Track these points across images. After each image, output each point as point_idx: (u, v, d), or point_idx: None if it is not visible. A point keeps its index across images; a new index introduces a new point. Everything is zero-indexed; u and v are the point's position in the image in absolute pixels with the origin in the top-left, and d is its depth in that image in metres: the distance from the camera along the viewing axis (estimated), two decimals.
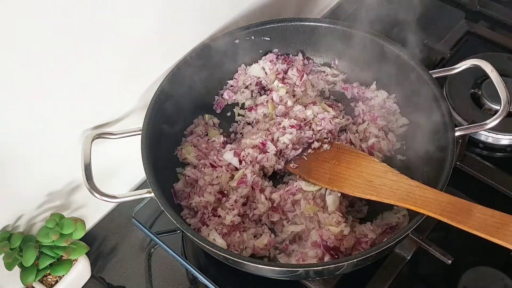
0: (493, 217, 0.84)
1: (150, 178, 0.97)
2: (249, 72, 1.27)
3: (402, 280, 1.04)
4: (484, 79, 1.27)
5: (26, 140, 0.94)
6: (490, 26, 1.47)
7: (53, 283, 1.02)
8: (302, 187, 1.07)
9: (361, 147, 1.14)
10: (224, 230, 1.01)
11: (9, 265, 0.95)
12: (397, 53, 1.15)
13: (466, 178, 1.17)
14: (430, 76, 1.09)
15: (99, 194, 0.94)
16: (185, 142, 1.17)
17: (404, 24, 1.25)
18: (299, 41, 1.27)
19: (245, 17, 1.28)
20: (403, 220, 1.02)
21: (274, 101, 1.22)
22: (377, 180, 1.00)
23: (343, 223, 1.01)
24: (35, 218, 1.03)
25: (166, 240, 1.11)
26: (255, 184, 1.08)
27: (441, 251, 1.01)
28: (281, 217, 1.06)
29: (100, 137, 1.02)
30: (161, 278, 1.10)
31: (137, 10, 1.00)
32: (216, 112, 1.25)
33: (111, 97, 1.06)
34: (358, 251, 0.98)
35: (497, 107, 1.20)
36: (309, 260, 0.97)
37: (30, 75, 0.88)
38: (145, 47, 1.06)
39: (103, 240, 1.16)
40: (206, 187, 1.07)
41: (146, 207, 1.14)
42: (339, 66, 1.29)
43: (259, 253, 1.01)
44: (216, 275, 1.06)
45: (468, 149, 1.21)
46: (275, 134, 1.13)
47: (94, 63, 0.97)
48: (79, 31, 0.91)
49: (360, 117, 1.20)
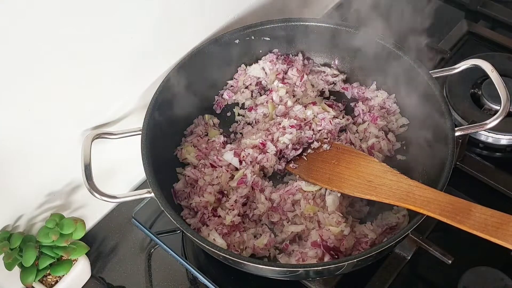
0: (493, 216, 0.84)
1: (150, 178, 0.98)
2: (249, 72, 1.27)
3: (402, 280, 1.04)
4: (484, 79, 1.27)
5: (26, 140, 0.94)
6: (490, 26, 1.47)
7: (53, 283, 1.02)
8: (302, 187, 1.07)
9: (361, 147, 1.14)
10: (224, 230, 1.01)
11: (9, 265, 0.95)
12: (397, 53, 1.15)
13: (466, 178, 1.17)
14: (430, 76, 1.09)
15: (99, 194, 0.94)
16: (185, 142, 1.17)
17: (404, 24, 1.25)
18: (299, 41, 1.27)
19: (245, 17, 1.28)
20: (403, 220, 1.02)
21: (274, 101, 1.22)
22: (377, 180, 1.00)
23: (343, 223, 1.01)
24: (35, 218, 1.03)
25: (166, 240, 1.11)
26: (255, 184, 1.08)
27: (441, 251, 1.01)
28: (281, 217, 1.06)
29: (100, 137, 1.02)
30: (161, 278, 1.10)
31: (137, 10, 1.00)
32: (216, 112, 1.25)
33: (111, 97, 1.06)
34: (358, 251, 0.98)
35: (497, 107, 1.21)
36: (309, 260, 0.97)
37: (30, 75, 0.88)
38: (145, 47, 1.06)
39: (103, 240, 1.16)
40: (206, 187, 1.07)
41: (146, 207, 1.14)
42: (339, 66, 1.29)
43: (259, 253, 1.01)
44: (216, 275, 1.06)
45: (468, 149, 1.21)
46: (275, 134, 1.13)
47: (94, 63, 0.97)
48: (79, 31, 0.91)
49: (360, 117, 1.20)
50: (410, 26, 1.25)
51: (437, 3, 1.53)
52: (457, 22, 1.46)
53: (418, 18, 1.40)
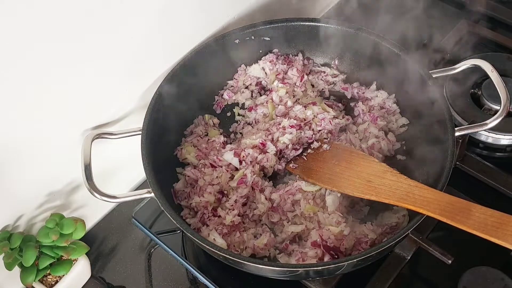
0: (493, 216, 0.84)
1: (150, 178, 0.98)
2: (249, 72, 1.27)
3: (402, 280, 1.04)
4: (484, 79, 1.27)
5: (26, 140, 0.94)
6: (490, 26, 1.46)
7: (53, 283, 1.02)
8: (302, 187, 1.07)
9: (361, 147, 1.14)
10: (224, 230, 1.01)
11: (9, 265, 0.95)
12: (397, 53, 1.15)
13: (466, 178, 1.17)
14: (430, 76, 1.09)
15: (99, 194, 0.94)
16: (185, 142, 1.17)
17: (404, 24, 1.25)
18: (299, 41, 1.27)
19: (245, 17, 1.28)
20: (403, 220, 1.02)
21: (274, 101, 1.22)
22: (377, 180, 1.00)
23: (343, 223, 1.01)
24: (35, 218, 1.03)
25: (166, 240, 1.11)
26: (255, 184, 1.08)
27: (441, 251, 1.00)
28: (281, 217, 1.06)
29: (100, 137, 1.02)
30: (161, 278, 1.10)
31: (137, 10, 1.00)
32: (216, 112, 1.25)
33: (111, 97, 1.06)
34: (358, 251, 0.98)
35: (497, 107, 1.20)
36: (308, 260, 0.97)
37: (30, 75, 0.88)
38: (145, 47, 1.06)
39: (103, 240, 1.16)
40: (206, 187, 1.07)
41: (146, 207, 1.14)
42: (339, 66, 1.29)
43: (259, 253, 1.01)
44: (216, 275, 1.06)
45: (468, 149, 1.20)
46: (275, 134, 1.13)
47: (94, 63, 0.97)
48: (79, 32, 0.91)
49: (360, 117, 1.20)
50: (410, 26, 1.26)
51: (437, 3, 1.53)
52: (457, 22, 1.46)
53: (418, 18, 1.40)
